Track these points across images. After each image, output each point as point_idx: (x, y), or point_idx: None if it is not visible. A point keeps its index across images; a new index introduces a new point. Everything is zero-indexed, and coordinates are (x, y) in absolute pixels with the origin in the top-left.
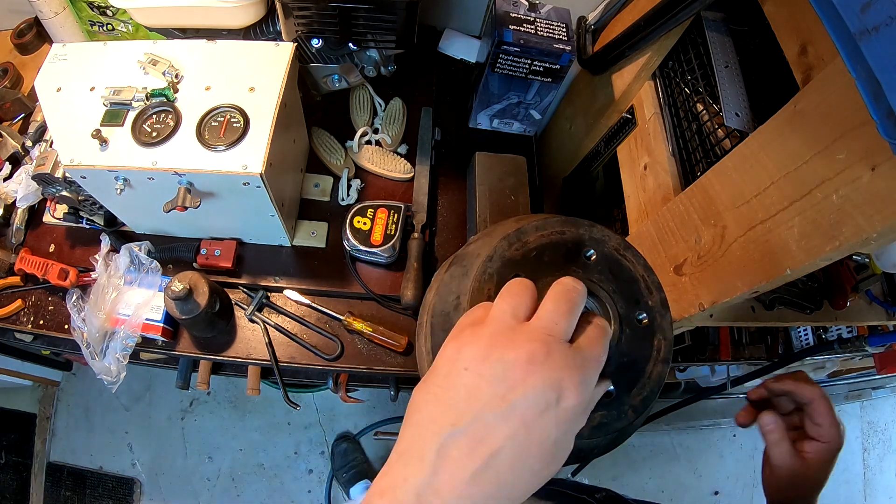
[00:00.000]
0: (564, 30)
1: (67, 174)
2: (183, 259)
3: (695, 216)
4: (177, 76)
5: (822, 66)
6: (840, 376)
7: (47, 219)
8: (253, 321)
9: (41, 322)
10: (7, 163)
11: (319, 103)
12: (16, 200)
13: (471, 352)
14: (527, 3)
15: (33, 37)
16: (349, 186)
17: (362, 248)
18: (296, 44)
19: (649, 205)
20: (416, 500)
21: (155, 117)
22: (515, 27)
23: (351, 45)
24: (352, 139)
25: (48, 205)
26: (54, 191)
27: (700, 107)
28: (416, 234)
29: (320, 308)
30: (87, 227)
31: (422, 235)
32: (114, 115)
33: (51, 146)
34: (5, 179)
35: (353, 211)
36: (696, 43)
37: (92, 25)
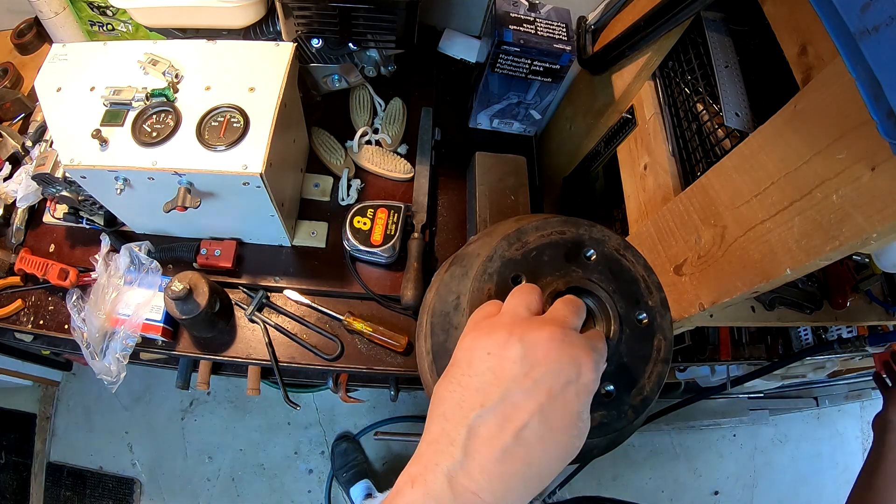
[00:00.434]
0: (564, 30)
1: (67, 174)
2: (183, 259)
3: (695, 216)
4: (177, 76)
5: (822, 66)
6: (840, 376)
7: (47, 219)
8: (253, 321)
9: (41, 322)
10: (7, 163)
11: (319, 103)
12: (16, 200)
13: (492, 338)
14: (527, 3)
15: (33, 37)
16: (349, 186)
17: (362, 248)
18: (296, 44)
19: (649, 205)
20: (447, 484)
21: (155, 117)
22: (515, 27)
23: (351, 45)
24: (352, 139)
25: (48, 205)
26: (54, 191)
27: (700, 107)
28: (416, 234)
29: (320, 308)
30: (87, 227)
31: (422, 235)
32: (114, 115)
33: (51, 146)
34: (5, 179)
35: (353, 211)
36: (696, 43)
37: (92, 25)
